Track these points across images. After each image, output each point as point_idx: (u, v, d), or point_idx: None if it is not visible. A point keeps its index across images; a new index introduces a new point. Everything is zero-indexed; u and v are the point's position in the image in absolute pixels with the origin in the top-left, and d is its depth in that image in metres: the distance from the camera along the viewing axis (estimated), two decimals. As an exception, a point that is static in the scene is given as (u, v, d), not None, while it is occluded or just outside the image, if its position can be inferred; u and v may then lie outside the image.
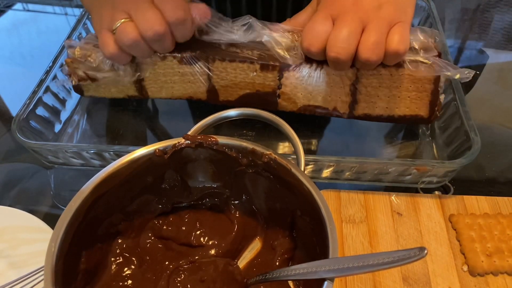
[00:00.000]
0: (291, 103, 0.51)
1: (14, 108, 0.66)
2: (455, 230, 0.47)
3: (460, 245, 0.46)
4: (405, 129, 0.58)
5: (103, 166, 0.38)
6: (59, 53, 0.60)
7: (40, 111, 0.56)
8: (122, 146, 0.50)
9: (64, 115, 0.60)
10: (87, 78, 0.53)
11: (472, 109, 0.52)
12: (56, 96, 0.59)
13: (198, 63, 0.51)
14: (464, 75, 0.46)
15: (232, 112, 0.43)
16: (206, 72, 0.51)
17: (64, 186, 0.55)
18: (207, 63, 0.50)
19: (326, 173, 0.51)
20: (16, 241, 0.47)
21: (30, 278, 0.39)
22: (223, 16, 0.50)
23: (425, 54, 0.47)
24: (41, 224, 0.47)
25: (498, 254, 0.44)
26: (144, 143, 0.58)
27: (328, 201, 0.49)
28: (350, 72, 0.48)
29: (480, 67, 0.71)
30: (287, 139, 0.41)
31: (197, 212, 0.46)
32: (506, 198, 0.49)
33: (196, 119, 0.44)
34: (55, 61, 0.59)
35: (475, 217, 0.47)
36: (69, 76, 0.55)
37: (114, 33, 0.46)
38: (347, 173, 0.50)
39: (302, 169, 0.39)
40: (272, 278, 0.36)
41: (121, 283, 0.40)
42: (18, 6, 0.90)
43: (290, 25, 0.49)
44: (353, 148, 0.57)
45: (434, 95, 0.48)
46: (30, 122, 0.54)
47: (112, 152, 0.50)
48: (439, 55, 0.47)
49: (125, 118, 0.61)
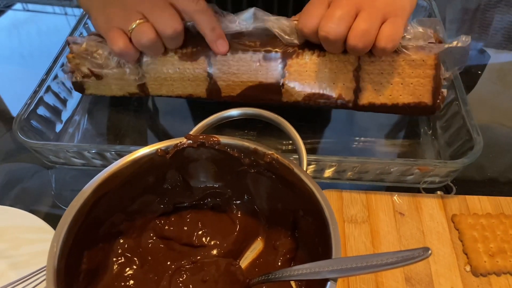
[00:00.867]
0: (295, 93, 0.51)
1: (14, 108, 0.66)
2: (457, 230, 0.47)
3: (462, 245, 0.45)
4: (406, 128, 0.58)
5: (105, 166, 0.37)
6: (60, 52, 0.60)
7: (41, 110, 0.56)
8: (124, 146, 0.50)
9: (65, 115, 0.60)
10: (91, 75, 0.53)
11: (473, 109, 0.52)
12: (57, 96, 0.59)
13: (200, 58, 0.50)
14: (462, 41, 0.47)
15: (234, 112, 0.43)
16: (207, 68, 0.51)
17: (65, 186, 0.55)
18: (208, 59, 0.50)
19: (328, 173, 0.51)
20: (17, 241, 0.47)
21: (31, 278, 0.39)
22: (224, 12, 0.50)
23: (423, 41, 0.47)
24: (42, 224, 0.47)
25: (501, 254, 0.44)
26: (145, 143, 0.58)
27: (330, 201, 0.49)
28: (352, 58, 0.48)
29: (481, 67, 0.71)
30: (289, 138, 0.41)
31: (199, 212, 0.45)
32: (508, 198, 0.49)
33: (198, 119, 0.44)
34: (56, 60, 0.59)
35: (478, 217, 0.47)
36: (72, 73, 0.54)
37: (130, 32, 0.46)
38: (349, 173, 0.50)
39: (305, 168, 0.39)
40: (275, 279, 0.35)
41: (123, 283, 0.40)
42: (18, 6, 0.89)
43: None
44: (354, 147, 0.57)
45: (436, 81, 0.48)
46: (31, 122, 0.54)
47: (113, 152, 0.50)
48: (440, 42, 0.48)
49: (126, 117, 0.60)
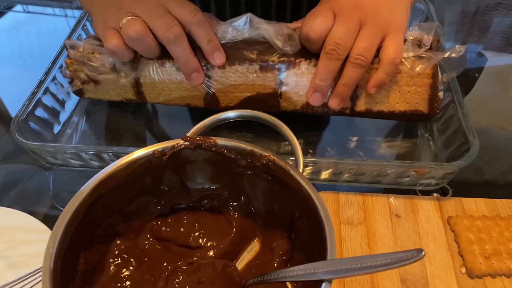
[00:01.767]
0: (292, 103, 0.51)
1: (13, 109, 0.66)
2: (453, 232, 0.47)
3: (458, 247, 0.46)
4: (403, 131, 0.59)
5: (102, 167, 0.38)
6: (59, 54, 0.61)
7: (39, 112, 0.56)
8: (121, 147, 0.50)
9: (63, 117, 0.60)
10: (89, 80, 0.54)
11: (470, 111, 0.52)
12: (55, 97, 0.59)
13: None
14: (456, 51, 0.48)
15: (230, 114, 0.43)
16: (204, 79, 0.50)
17: (63, 187, 0.55)
18: (206, 70, 0.50)
19: (325, 174, 0.51)
20: (15, 242, 0.47)
21: (28, 279, 0.39)
22: (220, 20, 0.50)
23: (420, 50, 0.48)
24: (39, 225, 0.47)
25: (496, 256, 0.44)
26: (143, 144, 0.58)
27: (327, 202, 0.49)
28: None
29: (479, 70, 0.72)
30: (286, 140, 0.42)
31: (195, 213, 0.46)
32: (504, 200, 0.50)
33: (195, 120, 0.44)
34: (54, 62, 0.59)
35: (474, 219, 0.47)
36: (71, 80, 0.55)
37: (120, 28, 0.46)
38: (346, 175, 0.50)
39: (301, 170, 0.39)
40: (270, 280, 0.36)
41: (119, 284, 0.40)
42: (18, 7, 0.90)
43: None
44: (351, 149, 0.57)
45: (433, 90, 0.49)
46: (29, 123, 0.54)
47: (111, 153, 0.50)
48: (438, 43, 0.48)
49: (124, 119, 0.61)
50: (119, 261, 0.41)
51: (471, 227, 0.46)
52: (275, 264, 0.42)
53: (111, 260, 0.41)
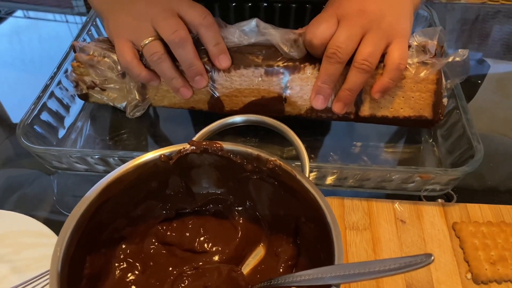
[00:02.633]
0: (297, 107, 0.51)
1: (14, 114, 0.66)
2: (458, 238, 0.47)
3: (463, 253, 0.46)
4: (407, 136, 0.59)
5: (107, 172, 0.38)
6: (64, 58, 0.61)
7: (44, 116, 0.56)
8: (127, 152, 0.50)
9: (68, 121, 0.60)
10: (95, 86, 0.54)
11: (472, 118, 0.52)
12: (60, 102, 0.59)
13: None
14: (459, 55, 0.48)
15: (237, 119, 0.43)
16: (209, 82, 0.51)
17: (67, 192, 0.55)
18: (211, 73, 0.50)
19: (330, 180, 0.51)
20: (19, 245, 0.47)
21: (34, 282, 0.39)
22: (227, 24, 0.50)
23: (424, 55, 0.48)
24: (43, 228, 0.47)
25: (502, 262, 0.44)
26: (148, 149, 0.58)
27: (332, 208, 0.48)
28: None
29: (480, 77, 0.72)
30: (291, 145, 0.42)
31: (201, 218, 0.45)
32: (509, 206, 0.50)
33: (200, 125, 0.44)
34: (60, 66, 0.59)
35: (478, 225, 0.47)
36: (76, 84, 0.55)
37: (141, 47, 0.47)
38: (351, 180, 0.50)
39: (307, 175, 0.39)
40: (278, 285, 0.35)
41: (124, 289, 0.40)
42: (19, 13, 0.90)
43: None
44: (355, 155, 0.57)
45: (437, 96, 0.49)
46: (35, 127, 0.54)
47: (116, 158, 0.50)
48: (441, 48, 0.49)
49: (128, 123, 0.61)
50: (125, 265, 0.41)
51: (476, 233, 0.46)
52: (281, 269, 0.42)
53: (116, 264, 0.41)
